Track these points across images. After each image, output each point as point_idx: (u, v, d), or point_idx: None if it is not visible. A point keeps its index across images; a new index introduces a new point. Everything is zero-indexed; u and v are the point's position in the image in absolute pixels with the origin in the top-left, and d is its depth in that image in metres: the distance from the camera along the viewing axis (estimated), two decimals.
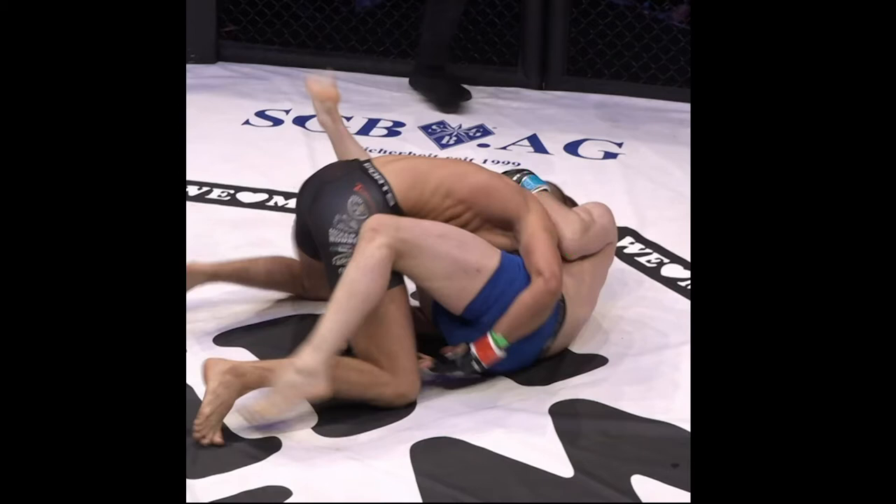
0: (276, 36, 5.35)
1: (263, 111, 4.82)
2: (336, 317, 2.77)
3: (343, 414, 2.79)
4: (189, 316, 3.02)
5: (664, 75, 5.07)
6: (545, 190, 3.23)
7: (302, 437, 2.72)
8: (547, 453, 2.74)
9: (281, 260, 3.30)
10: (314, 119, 4.35)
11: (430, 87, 4.86)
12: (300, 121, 4.72)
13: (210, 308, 3.27)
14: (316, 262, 3.08)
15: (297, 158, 4.33)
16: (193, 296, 3.15)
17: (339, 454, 2.73)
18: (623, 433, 2.83)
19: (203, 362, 2.77)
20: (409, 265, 2.85)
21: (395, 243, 2.79)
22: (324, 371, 2.71)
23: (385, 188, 2.98)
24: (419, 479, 2.64)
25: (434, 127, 4.72)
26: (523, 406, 2.90)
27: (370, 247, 2.78)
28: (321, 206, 2.96)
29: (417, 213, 2.97)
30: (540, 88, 5.07)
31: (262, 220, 3.90)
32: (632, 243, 3.69)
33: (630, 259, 3.62)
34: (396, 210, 2.95)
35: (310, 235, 3.03)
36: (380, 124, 4.72)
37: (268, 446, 2.75)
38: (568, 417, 2.87)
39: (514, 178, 3.21)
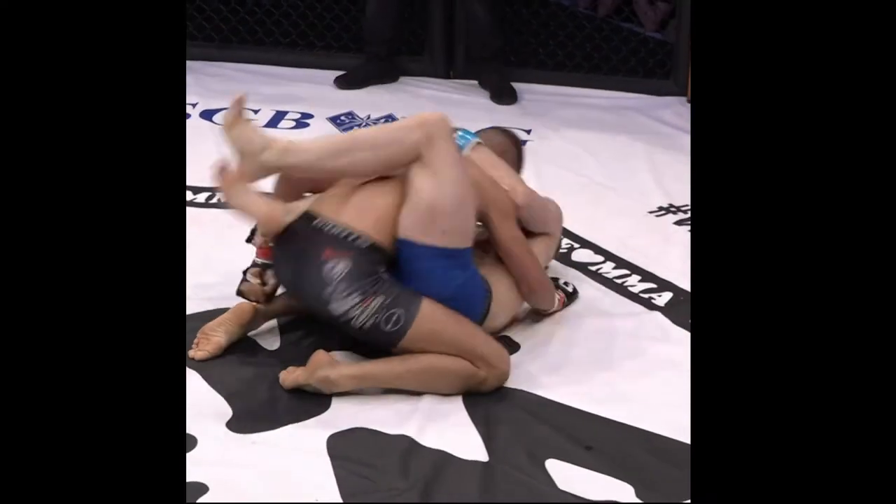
0: None
1: None
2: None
3: (259, 407, 2.76)
4: None
5: (571, 62, 5.08)
6: (479, 143, 3.13)
7: (218, 434, 2.69)
8: (462, 439, 2.73)
9: None
10: (223, 113, 4.23)
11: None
12: (207, 115, 4.64)
13: None
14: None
15: (205, 153, 3.88)
16: None
17: (255, 447, 2.70)
18: (537, 418, 2.81)
19: (316, 354, 2.86)
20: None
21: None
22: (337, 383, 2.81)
23: (350, 236, 2.82)
24: (335, 466, 2.62)
25: (343, 117, 4.67)
26: (439, 397, 2.87)
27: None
28: (305, 288, 2.86)
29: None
30: (447, 77, 5.07)
31: None
32: None
33: None
34: (375, 249, 2.83)
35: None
36: (288, 116, 4.69)
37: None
38: (482, 404, 2.85)
39: None
